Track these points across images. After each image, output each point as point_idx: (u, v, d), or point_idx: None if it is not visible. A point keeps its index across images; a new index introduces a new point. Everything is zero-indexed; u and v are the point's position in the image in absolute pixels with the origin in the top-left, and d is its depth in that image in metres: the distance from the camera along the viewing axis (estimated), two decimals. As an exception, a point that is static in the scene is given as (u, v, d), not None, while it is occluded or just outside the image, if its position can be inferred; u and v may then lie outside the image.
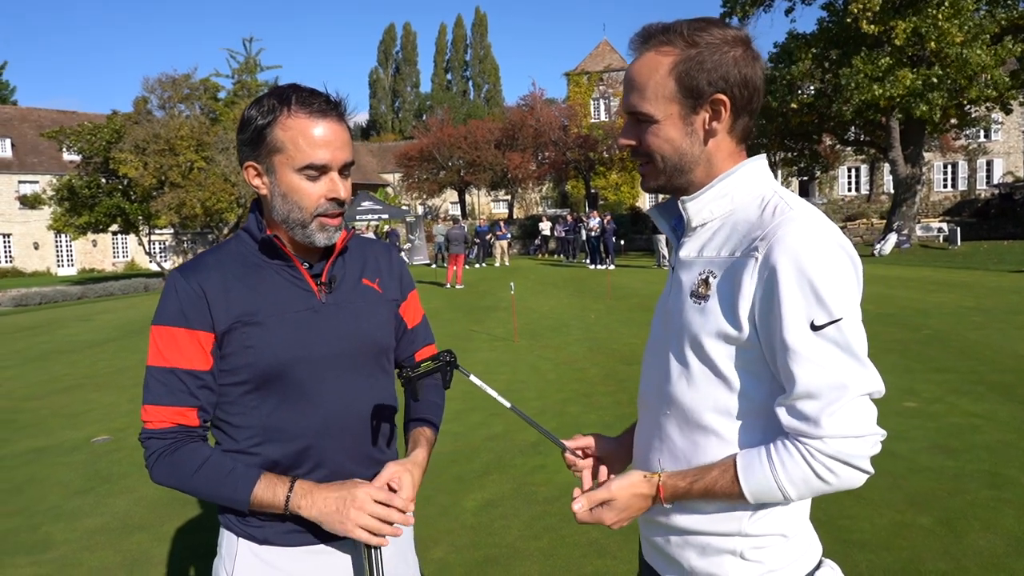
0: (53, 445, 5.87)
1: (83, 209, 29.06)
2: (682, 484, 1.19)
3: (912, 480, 4.15)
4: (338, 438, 1.41)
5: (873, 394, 1.12)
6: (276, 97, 1.35)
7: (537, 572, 3.33)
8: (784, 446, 1.12)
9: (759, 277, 1.11)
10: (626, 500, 1.22)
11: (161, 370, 1.34)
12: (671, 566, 1.29)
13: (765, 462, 1.13)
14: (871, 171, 39.63)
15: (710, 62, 1.18)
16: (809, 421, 1.09)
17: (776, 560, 1.21)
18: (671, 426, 1.24)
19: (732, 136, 1.24)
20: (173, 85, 30.87)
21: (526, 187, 44.91)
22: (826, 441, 1.08)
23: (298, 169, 1.34)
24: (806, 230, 1.11)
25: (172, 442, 1.34)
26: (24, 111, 48.35)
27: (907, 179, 23.66)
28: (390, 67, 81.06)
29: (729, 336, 1.15)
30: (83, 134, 28.62)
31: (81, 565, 3.62)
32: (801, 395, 1.10)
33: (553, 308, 13.32)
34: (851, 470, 1.10)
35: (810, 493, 1.13)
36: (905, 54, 21.32)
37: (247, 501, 1.32)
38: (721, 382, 1.17)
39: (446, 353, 1.37)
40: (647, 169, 1.27)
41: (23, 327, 15.43)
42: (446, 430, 5.58)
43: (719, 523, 1.20)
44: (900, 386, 6.20)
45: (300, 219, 1.37)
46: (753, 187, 1.23)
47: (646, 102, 1.21)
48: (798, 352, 1.09)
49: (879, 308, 10.92)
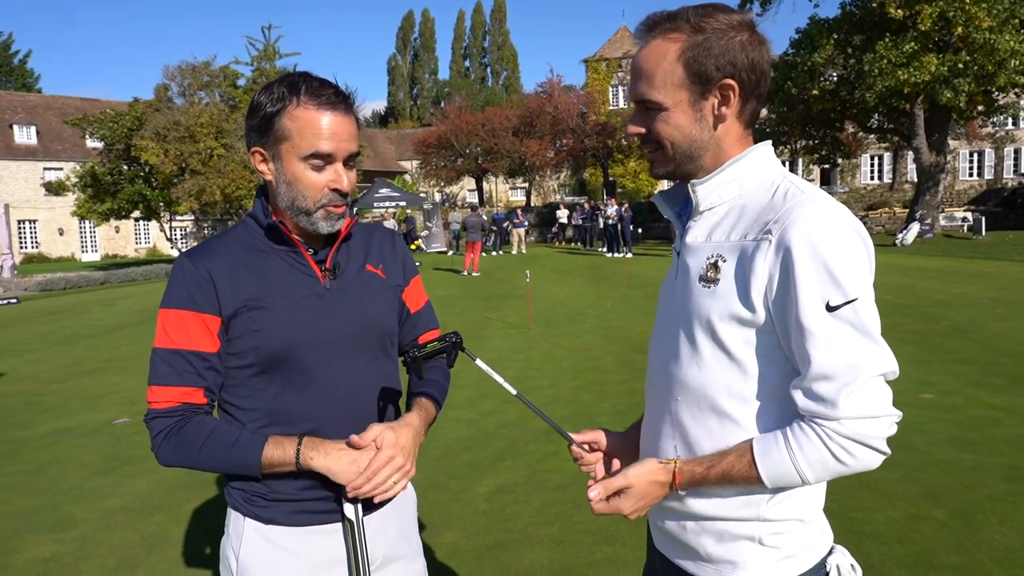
0: (75, 427, 5.99)
1: (106, 196, 29.44)
2: (699, 470, 1.20)
3: (928, 473, 4.11)
4: (342, 421, 1.43)
5: (888, 375, 1.12)
6: (287, 86, 1.37)
7: (547, 558, 3.35)
8: (801, 428, 1.12)
9: (773, 259, 1.11)
10: (643, 488, 1.23)
11: (168, 352, 1.37)
12: (686, 552, 1.28)
13: (782, 445, 1.13)
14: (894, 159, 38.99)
15: (717, 47, 1.18)
16: (826, 402, 1.09)
17: (793, 545, 1.21)
18: (683, 412, 1.24)
19: (740, 121, 1.24)
20: (193, 73, 31.06)
21: (544, 175, 44.72)
22: (843, 422, 1.08)
23: (303, 158, 1.36)
24: (819, 213, 1.11)
25: (178, 419, 1.36)
26: (48, 99, 48.94)
27: (931, 167, 23.26)
28: (408, 54, 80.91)
29: (742, 319, 1.15)
30: (105, 121, 28.94)
31: (101, 543, 3.70)
32: (817, 376, 1.10)
33: (569, 296, 13.31)
34: (869, 451, 1.10)
35: (828, 475, 1.13)
36: (931, 39, 20.88)
37: (258, 464, 1.34)
38: (734, 365, 1.18)
39: (452, 335, 1.40)
40: (656, 156, 1.28)
41: (48, 311, 15.70)
42: (460, 417, 5.63)
43: (737, 508, 1.20)
44: (917, 378, 6.14)
45: (304, 207, 1.39)
46: (762, 172, 1.24)
47: (655, 90, 1.22)
48: (813, 333, 1.09)
49: (899, 299, 10.79)
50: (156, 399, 1.37)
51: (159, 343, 1.38)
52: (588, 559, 3.32)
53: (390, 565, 1.51)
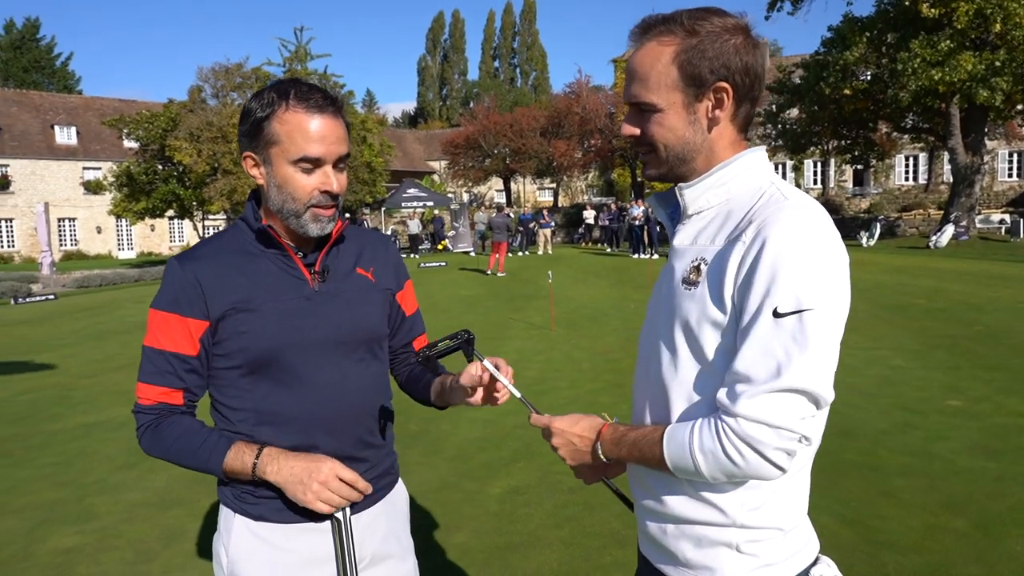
0: (103, 421, 6.13)
1: (141, 195, 30.12)
2: (622, 428, 1.26)
3: (949, 482, 4.02)
4: (330, 422, 1.45)
5: (815, 396, 1.08)
6: (276, 91, 1.40)
7: (557, 560, 3.35)
8: (708, 420, 1.13)
9: (742, 261, 1.11)
10: (579, 417, 1.32)
11: (153, 351, 1.42)
12: (665, 557, 1.28)
13: (687, 430, 1.15)
14: (930, 160, 38.11)
15: (711, 50, 1.18)
16: (732, 399, 1.09)
17: (772, 554, 1.20)
18: (660, 412, 1.25)
19: (734, 124, 1.24)
20: (226, 74, 31.61)
21: (571, 175, 44.64)
22: (739, 421, 1.08)
23: (293, 161, 1.38)
24: (793, 219, 1.10)
25: (155, 417, 1.42)
26: (88, 100, 50.21)
27: (967, 168, 22.71)
28: (438, 55, 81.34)
29: (716, 321, 1.15)
30: (141, 122, 29.60)
31: (121, 536, 3.79)
32: (737, 374, 1.09)
33: (593, 297, 13.27)
34: (759, 458, 1.08)
35: (719, 471, 1.12)
36: (967, 37, 20.39)
37: (220, 470, 1.39)
38: (710, 369, 1.17)
39: (464, 332, 1.42)
40: (649, 158, 1.28)
41: (83, 307, 16.10)
42: (477, 417, 5.64)
43: (715, 514, 1.20)
44: (945, 383, 6.00)
45: (294, 209, 1.41)
46: (751, 177, 1.23)
47: (649, 92, 1.22)
48: (751, 334, 1.09)
49: (931, 302, 10.57)
50: (140, 395, 1.43)
51: (147, 341, 1.43)
52: (597, 562, 3.31)
53: (379, 564, 1.53)
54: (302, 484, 1.36)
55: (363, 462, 1.49)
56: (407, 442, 5.14)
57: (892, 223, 28.11)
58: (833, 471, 4.20)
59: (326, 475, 1.37)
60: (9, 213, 44.00)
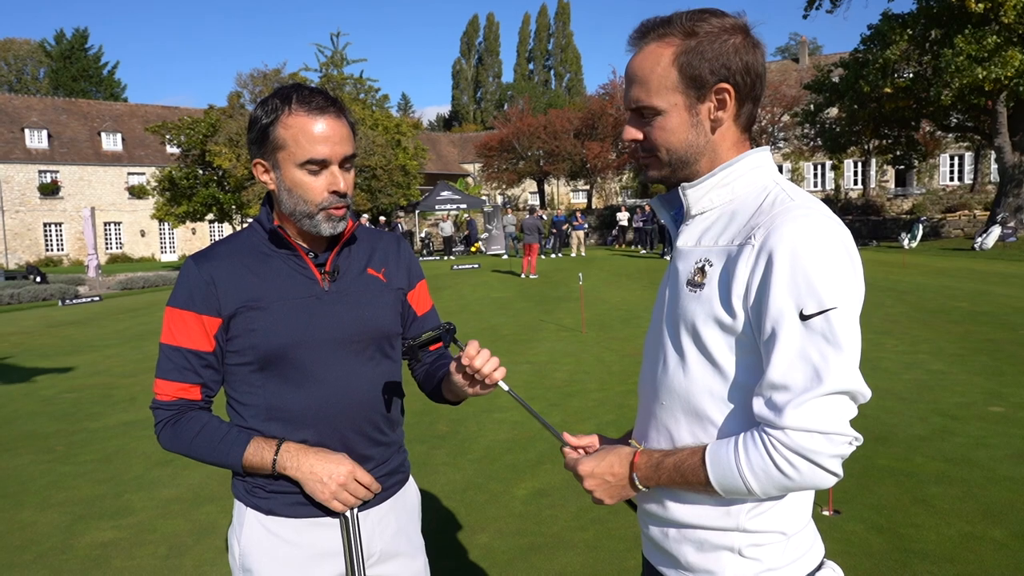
0: (141, 419, 6.30)
1: (182, 199, 30.88)
2: (656, 455, 1.21)
3: (989, 490, 3.90)
4: (339, 419, 1.48)
5: (855, 395, 1.07)
6: (279, 97, 1.43)
7: (580, 563, 3.34)
8: (752, 436, 1.10)
9: (754, 264, 1.10)
10: (604, 452, 1.27)
11: (170, 348, 1.46)
12: (668, 560, 1.28)
13: (731, 450, 1.11)
14: (976, 159, 36.99)
15: (711, 51, 1.17)
16: (776, 411, 1.06)
17: (775, 559, 1.19)
18: (667, 415, 1.24)
19: (737, 125, 1.23)
20: (264, 80, 32.25)
21: (605, 177, 44.43)
22: (788, 433, 1.05)
23: (300, 164, 1.41)
24: (804, 220, 1.09)
25: (175, 413, 1.46)
26: (133, 107, 51.67)
27: (1014, 168, 22.01)
28: (473, 58, 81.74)
29: (724, 323, 1.14)
30: (183, 128, 30.39)
31: (155, 531, 3.89)
32: (775, 384, 1.07)
33: (625, 299, 13.19)
34: (813, 467, 1.06)
35: (772, 487, 1.10)
36: (1015, 32, 19.77)
37: (240, 464, 1.43)
38: (716, 370, 1.16)
39: (447, 324, 1.44)
40: (651, 162, 1.27)
41: (126, 309, 16.57)
42: (504, 419, 5.65)
43: (718, 518, 1.19)
44: (987, 389, 5.82)
45: (306, 211, 1.44)
46: (754, 178, 1.22)
47: (650, 95, 1.21)
48: (781, 340, 1.07)
49: (974, 306, 10.26)
50: (158, 391, 1.47)
51: (163, 339, 1.47)
52: (620, 565, 3.29)
53: (388, 561, 1.55)
54: (322, 483, 1.41)
55: (370, 460, 1.51)
56: (434, 443, 5.17)
57: (936, 224, 27.37)
58: (866, 477, 4.11)
59: (345, 477, 1.41)
60: (58, 217, 45.48)
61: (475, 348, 1.35)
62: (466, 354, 1.35)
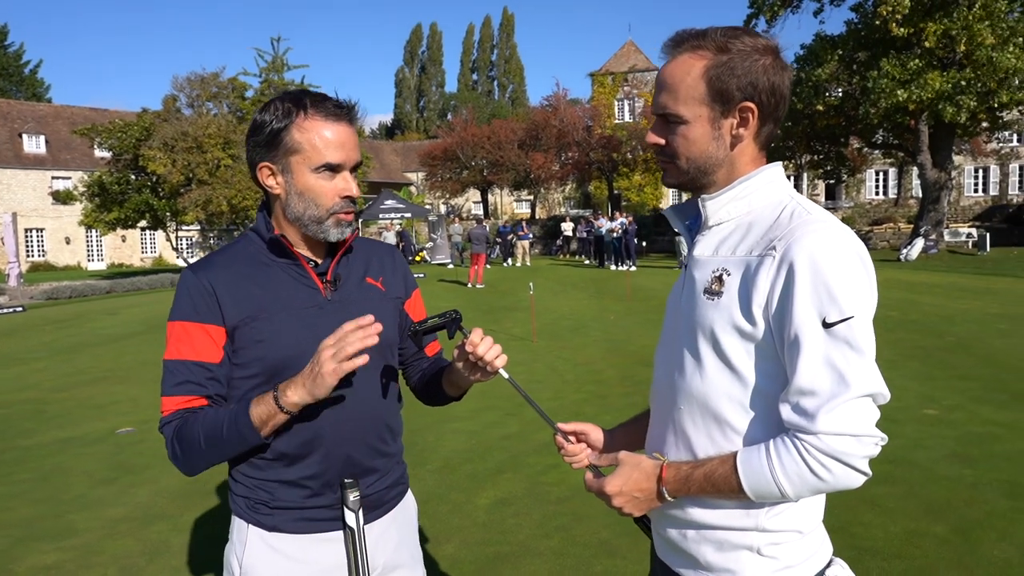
0: (79, 436, 6.02)
1: (113, 205, 29.63)
2: (684, 468, 1.23)
3: (928, 488, 4.11)
4: (344, 430, 1.46)
5: (877, 397, 1.13)
6: (290, 101, 1.42)
7: (547, 571, 3.36)
8: (783, 441, 1.14)
9: (776, 274, 1.14)
10: (630, 469, 1.27)
11: (175, 363, 1.41)
12: (686, 561, 1.31)
13: (763, 456, 1.15)
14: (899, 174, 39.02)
15: (740, 68, 1.21)
16: (807, 416, 1.11)
17: (791, 557, 1.23)
18: (686, 421, 1.27)
19: (756, 142, 1.28)
20: (202, 84, 31.37)
21: (549, 187, 44.88)
22: (821, 438, 1.10)
23: (314, 168, 1.41)
24: (824, 233, 1.14)
25: (178, 421, 1.39)
26: (58, 108, 49.36)
27: (935, 183, 23.28)
28: (416, 67, 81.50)
29: (743, 331, 1.18)
30: (114, 131, 29.18)
31: (103, 552, 3.72)
32: (803, 390, 1.11)
33: (573, 309, 13.33)
34: (846, 469, 1.11)
35: (806, 490, 1.14)
36: (935, 56, 20.98)
37: (253, 427, 1.35)
38: (735, 376, 1.20)
39: (452, 312, 1.46)
40: (669, 168, 1.31)
41: (53, 320, 15.78)
42: (461, 428, 5.64)
43: (738, 518, 1.22)
44: (921, 393, 6.13)
45: (316, 216, 1.43)
46: (771, 192, 1.27)
47: (677, 103, 1.25)
48: (806, 348, 1.11)
49: (903, 314, 10.78)
50: (164, 408, 1.42)
51: (167, 355, 1.43)
52: (587, 572, 3.32)
53: (391, 573, 1.54)
54: (313, 375, 1.31)
55: (375, 472, 1.50)
56: (392, 454, 5.11)
57: (864, 236, 28.67)
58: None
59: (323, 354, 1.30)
60: (-25, 223, 43.00)
61: (479, 335, 1.37)
62: (470, 341, 1.37)
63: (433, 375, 1.64)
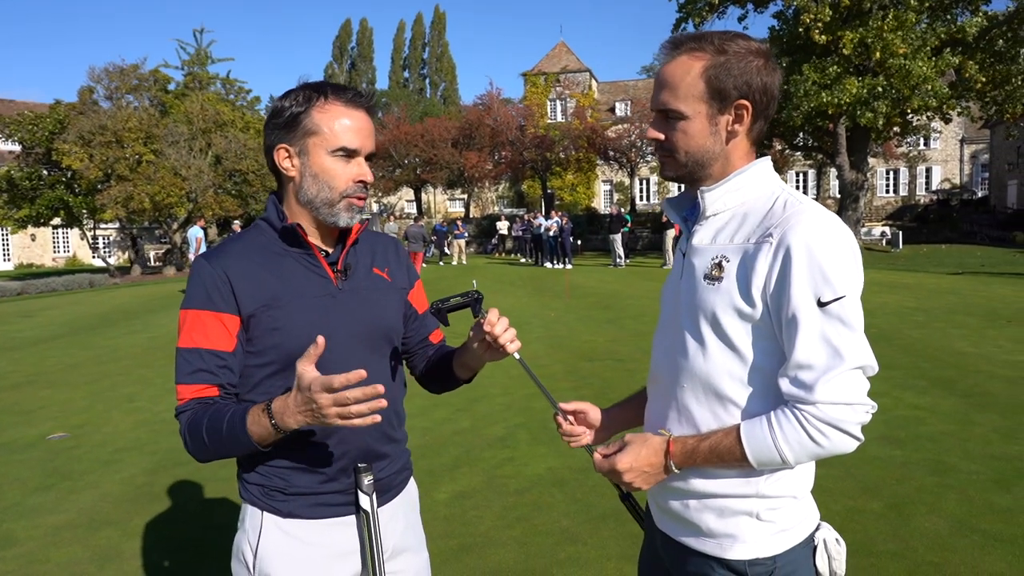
0: (6, 443, 5.70)
1: (23, 201, 27.98)
2: (691, 441, 1.32)
3: (863, 469, 4.38)
4: None
5: (867, 369, 1.24)
6: (311, 88, 1.46)
7: (512, 559, 3.42)
8: (783, 412, 1.24)
9: (773, 259, 1.24)
10: (639, 446, 1.35)
11: (188, 351, 1.40)
12: (688, 529, 1.39)
13: (765, 426, 1.25)
14: (818, 176, 40.96)
15: (736, 68, 1.31)
16: (805, 388, 1.21)
17: (787, 520, 1.33)
18: (689, 398, 1.36)
19: (749, 138, 1.38)
20: (121, 75, 29.97)
21: (482, 186, 44.96)
22: (820, 407, 1.20)
23: (331, 151, 1.43)
24: (816, 220, 1.25)
25: (190, 412, 1.39)
26: (-42, 98, 46.24)
27: (852, 184, 24.52)
28: (345, 62, 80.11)
29: (743, 312, 1.27)
30: (24, 123, 27.55)
31: (48, 561, 3.56)
32: (800, 365, 1.22)
33: (513, 306, 13.43)
34: (842, 435, 1.22)
35: (806, 456, 1.25)
36: (852, 63, 22.11)
37: (255, 445, 1.33)
38: (735, 354, 1.29)
39: (475, 292, 1.53)
40: (668, 161, 1.40)
41: (-39, 323, 14.80)
42: (414, 425, 5.63)
43: (739, 486, 1.32)
44: (849, 381, 6.49)
45: (328, 198, 1.45)
46: (763, 184, 1.37)
47: (677, 100, 1.34)
48: (802, 325, 1.21)
49: (827, 308, 11.33)
50: (179, 396, 1.42)
51: (181, 343, 1.42)
52: (553, 558, 3.40)
53: (399, 556, 1.57)
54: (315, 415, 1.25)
55: (386, 457, 1.53)
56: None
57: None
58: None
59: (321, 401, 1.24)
60: None
61: (496, 315, 1.42)
62: (488, 321, 1.42)
63: (441, 359, 1.68)
